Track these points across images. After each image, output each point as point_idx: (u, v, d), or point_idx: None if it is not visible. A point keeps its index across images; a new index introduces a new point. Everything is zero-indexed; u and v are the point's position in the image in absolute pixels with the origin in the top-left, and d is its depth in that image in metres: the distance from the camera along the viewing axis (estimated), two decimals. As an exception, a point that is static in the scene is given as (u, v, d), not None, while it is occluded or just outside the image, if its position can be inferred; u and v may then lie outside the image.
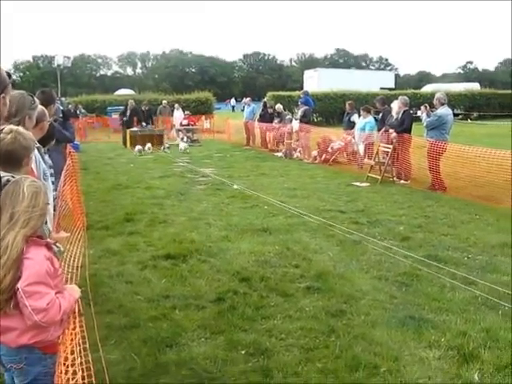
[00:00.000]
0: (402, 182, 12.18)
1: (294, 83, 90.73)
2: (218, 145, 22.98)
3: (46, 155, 4.55)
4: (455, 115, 21.63)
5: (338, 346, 4.20)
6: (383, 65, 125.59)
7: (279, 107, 20.91)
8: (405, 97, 13.00)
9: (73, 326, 2.88)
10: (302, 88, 40.81)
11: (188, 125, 24.78)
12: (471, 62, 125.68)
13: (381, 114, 14.12)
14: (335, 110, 33.89)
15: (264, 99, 27.95)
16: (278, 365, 3.93)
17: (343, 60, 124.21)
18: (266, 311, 4.92)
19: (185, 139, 22.94)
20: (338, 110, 31.39)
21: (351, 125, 15.49)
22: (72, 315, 2.90)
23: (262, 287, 5.52)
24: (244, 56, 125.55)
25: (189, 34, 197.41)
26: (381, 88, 44.16)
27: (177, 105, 27.40)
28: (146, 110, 23.40)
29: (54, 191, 4.59)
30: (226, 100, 73.28)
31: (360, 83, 40.95)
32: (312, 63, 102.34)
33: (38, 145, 3.71)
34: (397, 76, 77.59)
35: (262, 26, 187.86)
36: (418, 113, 17.47)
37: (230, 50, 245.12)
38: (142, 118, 22.48)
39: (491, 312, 4.87)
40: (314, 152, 16.41)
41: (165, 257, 6.50)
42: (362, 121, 14.58)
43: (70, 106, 26.70)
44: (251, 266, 6.18)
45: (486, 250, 6.79)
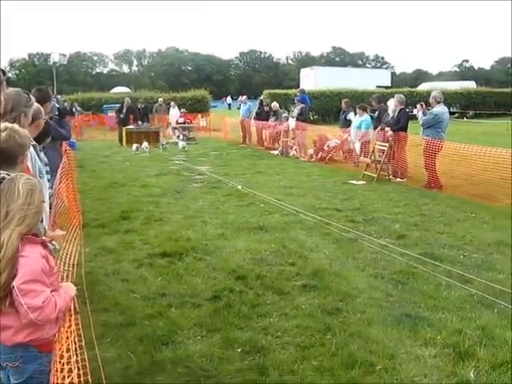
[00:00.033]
0: (398, 180, 12.19)
1: (290, 81, 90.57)
2: (214, 143, 22.95)
3: (42, 153, 4.55)
4: (451, 113, 21.71)
5: (334, 344, 4.20)
6: (379, 63, 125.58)
7: (275, 105, 20.87)
8: (401, 95, 13.01)
9: (68, 324, 2.87)
10: (299, 86, 40.80)
11: (184, 123, 24.70)
12: (467, 61, 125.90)
13: (377, 113, 14.13)
14: (331, 108, 33.87)
15: (260, 97, 27.99)
16: (273, 363, 3.93)
17: (339, 58, 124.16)
18: (262, 309, 4.92)
19: (181, 137, 22.91)
20: (335, 108, 31.36)
21: (347, 123, 15.48)
22: (68, 313, 2.90)
23: (258, 285, 5.52)
24: (240, 54, 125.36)
25: (185, 32, 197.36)
26: (377, 86, 44.20)
27: (173, 103, 27.32)
28: (142, 107, 23.39)
29: (49, 189, 4.58)
30: (223, 98, 73.18)
31: (356, 81, 40.97)
32: (308, 61, 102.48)
33: (33, 142, 3.70)
34: (393, 74, 77.87)
35: (259, 24, 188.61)
36: (414, 111, 17.52)
37: (227, 47, 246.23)
38: (138, 116, 22.46)
39: (487, 310, 4.88)
40: (310, 150, 16.42)
41: (161, 255, 6.49)
42: (358, 119, 14.56)
43: (65, 104, 26.70)
44: (247, 264, 6.18)
45: (481, 248, 6.81)
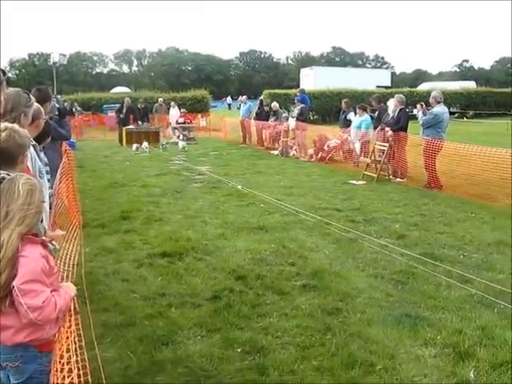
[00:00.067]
0: (398, 180, 12.19)
1: (290, 81, 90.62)
2: (214, 143, 22.94)
3: (42, 153, 4.54)
4: (451, 113, 21.70)
5: (334, 344, 4.20)
6: (379, 63, 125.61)
7: (275, 105, 20.86)
8: (401, 95, 13.02)
9: (68, 324, 2.87)
10: (299, 86, 40.78)
11: (184, 123, 24.70)
12: (467, 61, 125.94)
13: (377, 113, 14.14)
14: (331, 108, 33.86)
15: (260, 97, 27.99)
16: (273, 363, 3.93)
17: (339, 58, 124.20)
18: (262, 309, 4.92)
19: (181, 137, 22.91)
20: (334, 108, 31.35)
21: (347, 123, 15.48)
22: (68, 313, 2.90)
23: (258, 285, 5.52)
24: (240, 54, 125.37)
25: (185, 32, 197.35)
26: (377, 86, 44.23)
27: (173, 103, 27.31)
28: (142, 107, 23.39)
29: (49, 189, 4.57)
30: (223, 98, 73.18)
31: (356, 81, 40.98)
32: (308, 61, 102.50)
33: (33, 143, 3.70)
34: (393, 74, 77.93)
35: (259, 24, 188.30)
36: (414, 111, 17.52)
37: (227, 48, 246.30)
38: (138, 116, 22.45)
39: (487, 310, 4.88)
40: (310, 150, 16.41)
41: (161, 255, 6.49)
42: (358, 119, 14.56)
43: (65, 104, 26.69)
44: (247, 264, 6.18)
45: (481, 248, 6.81)
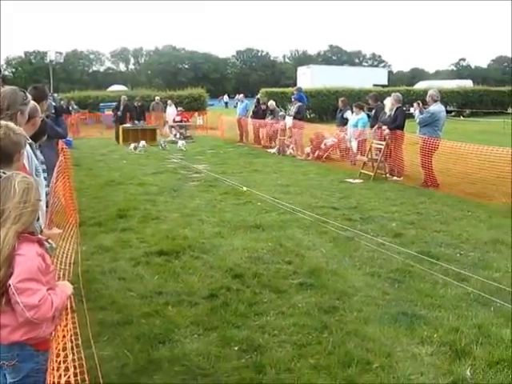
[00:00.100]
0: (395, 178, 12.21)
1: (287, 80, 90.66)
2: (211, 141, 22.94)
3: (38, 151, 4.53)
4: (448, 112, 21.70)
5: (331, 342, 4.20)
6: (376, 61, 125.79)
7: (272, 104, 20.86)
8: (398, 93, 13.02)
9: (65, 323, 2.88)
10: (296, 84, 40.66)
11: (181, 121, 24.69)
12: (464, 59, 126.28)
13: (373, 111, 14.16)
14: (328, 107, 33.92)
15: (257, 96, 28.00)
16: (270, 361, 3.93)
17: (336, 57, 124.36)
18: (259, 308, 4.92)
19: (178, 135, 22.90)
20: (331, 107, 31.39)
21: (344, 121, 15.49)
22: (64, 312, 2.90)
23: (255, 284, 5.52)
24: (237, 52, 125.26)
25: (182, 31, 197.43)
26: (374, 85, 44.30)
27: (170, 101, 27.31)
28: (139, 106, 23.34)
29: (46, 187, 4.56)
30: (219, 96, 73.17)
31: (353, 80, 41.04)
32: (305, 60, 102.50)
33: (29, 141, 3.69)
34: (390, 73, 77.90)
35: (256, 22, 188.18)
36: (411, 110, 17.54)
37: (224, 46, 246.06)
38: (135, 114, 22.40)
39: (483, 308, 4.89)
40: (307, 148, 16.42)
41: (158, 253, 6.48)
42: (355, 117, 14.57)
43: (62, 102, 26.58)
44: (244, 263, 6.18)
45: (478, 247, 6.82)
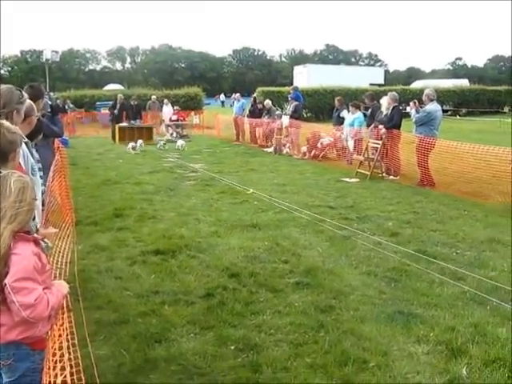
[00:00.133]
0: (391, 177, 12.22)
1: (283, 79, 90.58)
2: (208, 140, 22.93)
3: (34, 150, 4.51)
4: (444, 111, 21.78)
5: (327, 341, 4.20)
6: (373, 61, 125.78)
7: (268, 103, 20.86)
8: (394, 93, 13.03)
9: (61, 322, 2.87)
10: (292, 84, 40.81)
11: (177, 120, 24.67)
12: (460, 59, 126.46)
13: (370, 110, 14.17)
14: (325, 106, 33.95)
15: (253, 95, 28.01)
16: (267, 360, 3.93)
17: (333, 56, 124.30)
18: (256, 307, 4.92)
19: (174, 134, 22.87)
20: (328, 106, 31.43)
21: (340, 120, 15.50)
22: (60, 311, 2.88)
23: (252, 283, 5.52)
24: (234, 51, 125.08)
25: (178, 30, 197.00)
26: (370, 84, 44.43)
27: (166, 100, 27.30)
28: (135, 104, 23.31)
29: (42, 186, 4.55)
30: (216, 95, 73.07)
31: (350, 79, 41.13)
32: (302, 59, 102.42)
33: (25, 140, 3.68)
34: (386, 72, 78.06)
35: (252, 21, 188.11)
36: (408, 109, 17.52)
37: (220, 45, 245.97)
38: (131, 113, 22.38)
39: (479, 307, 4.90)
40: (304, 148, 16.43)
41: (154, 252, 6.47)
42: (351, 116, 14.58)
43: (58, 101, 26.54)
44: (240, 262, 6.18)
45: (474, 246, 6.84)
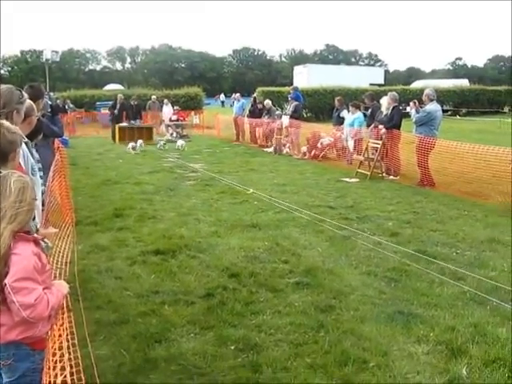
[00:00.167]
0: (391, 177, 12.22)
1: (283, 79, 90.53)
2: (208, 140, 22.93)
3: (34, 150, 4.51)
4: (444, 111, 21.78)
5: (327, 341, 4.20)
6: (373, 61, 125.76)
7: (268, 103, 20.85)
8: (394, 93, 13.03)
9: (61, 322, 2.87)
10: (292, 84, 40.81)
11: (177, 120, 24.67)
12: (460, 59, 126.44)
13: (370, 110, 14.17)
14: (325, 106, 33.95)
15: (253, 95, 28.01)
16: (267, 360, 3.93)
17: (333, 56, 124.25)
18: (256, 307, 4.92)
19: (174, 134, 22.87)
20: (328, 106, 31.43)
21: (340, 120, 15.50)
22: (60, 311, 2.89)
23: (252, 283, 5.52)
24: (234, 51, 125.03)
25: (178, 30, 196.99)
26: (370, 84, 44.42)
27: (166, 100, 27.30)
28: (135, 104, 23.31)
29: (42, 186, 4.55)
30: (216, 95, 73.05)
31: (350, 79, 41.12)
32: (302, 59, 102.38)
33: (25, 139, 3.68)
34: (386, 72, 78.05)
35: (252, 21, 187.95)
36: (408, 109, 17.54)
37: (220, 45, 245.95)
38: (131, 113, 22.38)
39: (479, 307, 4.90)
40: (304, 148, 16.42)
41: (154, 252, 6.47)
42: (351, 116, 14.57)
43: (58, 101, 26.55)
44: (240, 262, 6.17)
45: (474, 246, 6.84)
